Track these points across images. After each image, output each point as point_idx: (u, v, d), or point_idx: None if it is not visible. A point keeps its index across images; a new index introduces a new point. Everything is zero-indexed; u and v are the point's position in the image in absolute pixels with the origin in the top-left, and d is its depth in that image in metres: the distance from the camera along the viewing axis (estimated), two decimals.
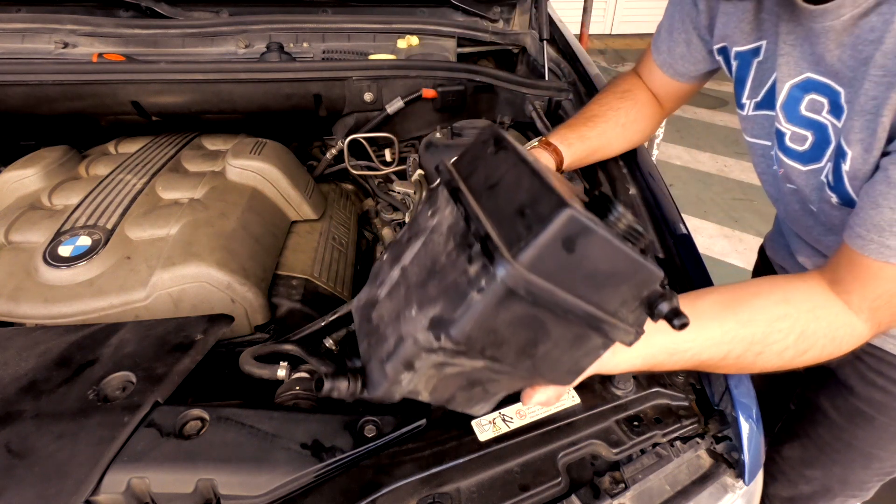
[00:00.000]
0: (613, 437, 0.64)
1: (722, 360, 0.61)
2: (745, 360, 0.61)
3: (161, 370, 0.64)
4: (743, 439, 0.65)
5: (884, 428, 0.90)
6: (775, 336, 0.60)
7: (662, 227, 0.91)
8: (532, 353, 0.44)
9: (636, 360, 0.59)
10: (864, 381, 0.88)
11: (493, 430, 0.62)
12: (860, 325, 0.61)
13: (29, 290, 0.77)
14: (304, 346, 0.77)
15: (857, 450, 0.94)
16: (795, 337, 0.60)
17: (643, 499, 0.61)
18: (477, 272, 0.40)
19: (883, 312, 0.60)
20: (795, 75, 0.69)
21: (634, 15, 6.94)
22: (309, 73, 1.20)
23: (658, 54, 0.95)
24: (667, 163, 3.98)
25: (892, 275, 0.58)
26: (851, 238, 0.60)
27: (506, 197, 0.43)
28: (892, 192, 0.56)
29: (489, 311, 0.39)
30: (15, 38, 1.33)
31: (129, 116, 1.22)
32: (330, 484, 0.56)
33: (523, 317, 0.41)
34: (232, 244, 0.85)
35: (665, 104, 1.02)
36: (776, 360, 0.61)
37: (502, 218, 0.41)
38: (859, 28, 0.60)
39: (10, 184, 0.98)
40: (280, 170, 1.03)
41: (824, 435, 0.98)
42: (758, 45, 0.75)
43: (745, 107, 0.81)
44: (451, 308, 0.41)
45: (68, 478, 0.52)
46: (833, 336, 0.61)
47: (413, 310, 0.44)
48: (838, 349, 0.62)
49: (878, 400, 0.88)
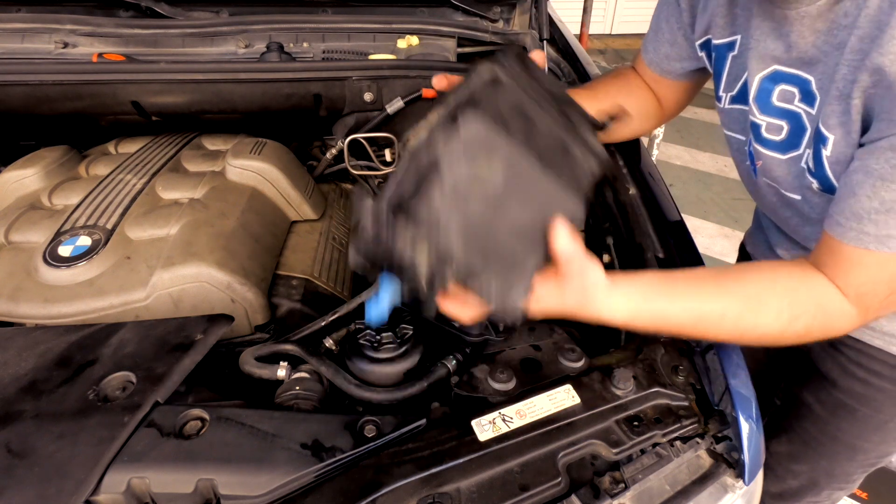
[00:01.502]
0: (613, 437, 0.64)
1: (720, 318, 0.63)
2: (744, 321, 0.62)
3: (161, 370, 0.64)
4: (743, 439, 0.65)
5: (866, 419, 0.91)
6: (768, 295, 0.63)
7: (663, 226, 0.92)
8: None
9: (625, 313, 0.62)
10: (845, 373, 0.90)
11: (493, 430, 0.62)
12: (848, 306, 0.62)
13: (29, 290, 0.77)
14: (304, 346, 0.77)
15: (842, 442, 0.96)
16: (789, 301, 0.62)
17: (643, 499, 0.61)
18: None
19: (869, 298, 0.61)
20: (763, 68, 0.71)
21: (634, 15, 6.94)
22: (309, 73, 1.20)
23: (646, 53, 0.97)
24: (667, 163, 3.98)
25: (873, 261, 0.59)
26: (831, 226, 0.62)
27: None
28: (868, 181, 0.57)
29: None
30: (15, 38, 1.33)
31: (129, 116, 1.22)
32: (330, 484, 0.56)
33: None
34: (232, 244, 0.85)
35: (663, 102, 1.02)
36: (774, 322, 0.62)
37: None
38: (833, 13, 0.61)
39: (10, 184, 0.98)
40: (280, 170, 1.03)
41: (810, 429, 0.99)
42: (732, 40, 0.77)
43: (721, 99, 0.83)
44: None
45: (68, 478, 0.52)
46: (823, 305, 0.62)
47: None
48: (830, 322, 0.63)
49: (860, 392, 0.89)
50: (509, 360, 0.78)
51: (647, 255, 0.89)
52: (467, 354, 0.77)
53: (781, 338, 0.64)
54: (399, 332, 0.74)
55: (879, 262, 0.59)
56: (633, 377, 0.69)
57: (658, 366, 0.73)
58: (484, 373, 0.74)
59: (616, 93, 1.00)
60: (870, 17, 0.57)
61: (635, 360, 0.74)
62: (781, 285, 0.64)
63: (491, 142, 0.52)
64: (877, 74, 0.56)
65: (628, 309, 0.62)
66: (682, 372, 0.72)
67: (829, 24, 0.62)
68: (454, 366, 0.74)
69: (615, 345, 0.85)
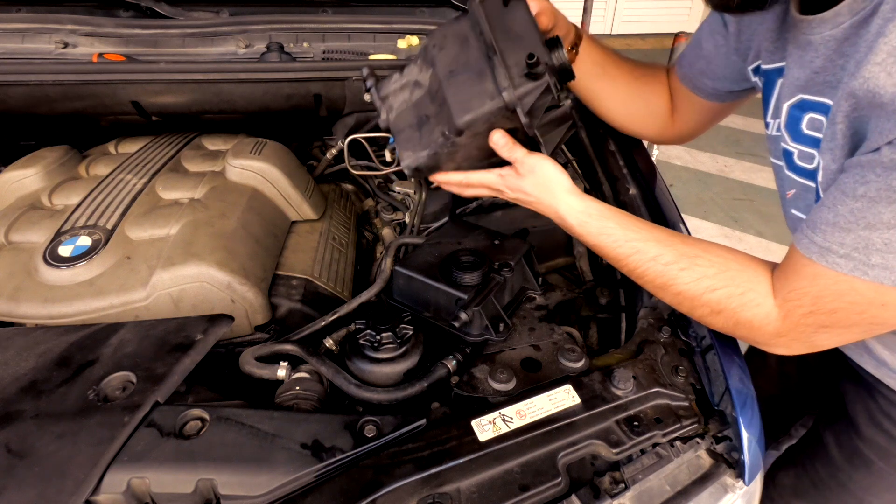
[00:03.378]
0: (613, 437, 0.64)
1: (652, 261, 0.69)
2: (669, 271, 0.68)
3: (161, 370, 0.64)
4: (743, 439, 0.65)
5: (881, 475, 0.87)
6: (703, 259, 0.67)
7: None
8: (449, 82, 0.71)
9: (579, 212, 0.73)
10: (872, 422, 0.86)
11: (493, 430, 0.62)
12: (770, 305, 0.63)
13: (29, 290, 0.77)
14: (304, 346, 0.77)
15: (850, 493, 0.92)
16: (716, 271, 0.66)
17: (643, 499, 0.61)
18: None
19: (792, 307, 0.61)
20: (791, 96, 0.70)
21: (634, 15, 6.93)
22: (309, 73, 1.20)
23: (680, 68, 0.96)
24: (667, 163, 3.98)
25: (809, 272, 0.58)
26: (797, 233, 0.62)
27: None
28: (833, 194, 0.57)
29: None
30: (15, 38, 1.33)
31: (129, 116, 1.22)
32: (330, 484, 0.56)
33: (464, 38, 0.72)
34: (232, 244, 0.85)
35: (676, 116, 1.01)
36: (693, 284, 0.67)
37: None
38: (859, 37, 0.58)
39: (10, 184, 0.98)
40: (280, 170, 1.03)
41: (821, 470, 0.96)
42: (781, 66, 0.74)
43: (769, 126, 0.80)
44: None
45: (68, 478, 0.52)
46: (744, 291, 0.64)
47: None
48: (743, 310, 0.64)
49: (882, 445, 0.85)
50: (509, 360, 0.78)
51: None
52: (467, 354, 0.77)
53: (693, 305, 0.68)
54: (399, 332, 0.74)
55: (814, 274, 0.58)
56: (633, 377, 0.69)
57: (658, 366, 0.73)
58: (484, 373, 0.74)
59: (636, 72, 1.00)
60: (868, 42, 0.55)
61: (635, 360, 0.74)
62: (720, 259, 0.67)
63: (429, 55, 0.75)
64: (852, 98, 0.55)
65: (581, 212, 0.74)
66: (682, 372, 0.72)
67: (855, 48, 0.59)
68: (454, 366, 0.74)
69: (615, 345, 0.85)
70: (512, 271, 0.86)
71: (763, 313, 0.63)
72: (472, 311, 0.77)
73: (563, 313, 0.99)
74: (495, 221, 1.13)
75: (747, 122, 4.62)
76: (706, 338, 0.75)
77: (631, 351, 0.77)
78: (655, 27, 6.55)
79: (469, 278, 0.83)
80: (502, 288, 0.84)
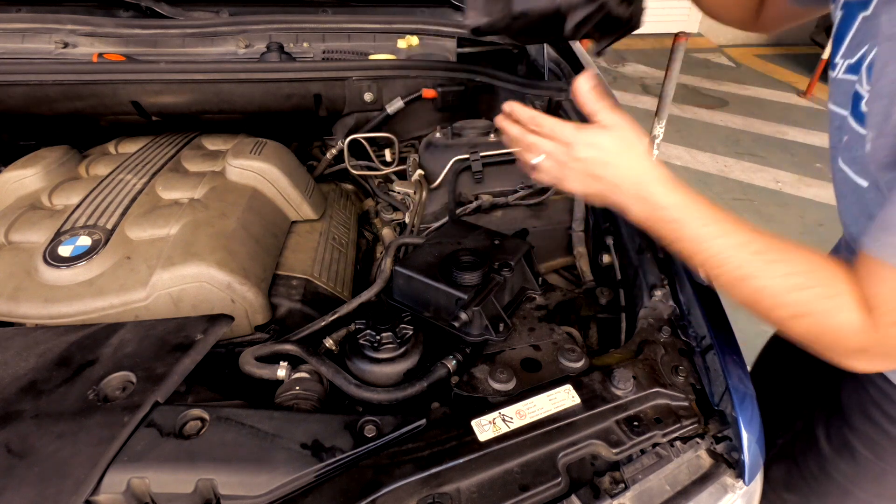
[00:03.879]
0: (613, 437, 0.64)
1: (740, 245, 0.62)
2: (757, 261, 0.61)
3: (161, 370, 0.64)
4: (743, 439, 0.65)
5: (866, 464, 0.87)
6: (793, 257, 0.60)
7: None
8: None
9: (668, 178, 0.67)
10: (863, 413, 0.86)
11: (493, 430, 0.62)
12: (857, 313, 0.57)
13: (29, 290, 0.77)
14: (304, 346, 0.77)
15: (836, 483, 0.92)
16: (804, 269, 0.59)
17: (643, 499, 0.61)
18: None
19: (880, 315, 0.56)
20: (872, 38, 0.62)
21: None
22: (309, 73, 1.20)
23: None
24: (667, 163, 3.99)
25: (889, 275, 0.55)
26: (866, 237, 0.58)
27: None
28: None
29: None
30: (15, 38, 1.33)
31: (129, 116, 1.22)
32: (330, 484, 0.56)
33: None
34: (232, 244, 0.85)
35: (764, 9, 0.96)
36: (778, 281, 0.60)
37: None
38: None
39: (10, 184, 0.98)
40: (280, 170, 1.03)
41: (810, 463, 0.96)
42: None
43: (836, 67, 0.73)
44: None
45: (68, 478, 0.52)
46: (831, 295, 0.58)
47: None
48: (830, 317, 0.58)
49: (870, 435, 0.85)
50: (509, 360, 0.78)
51: (647, 255, 0.89)
52: (467, 354, 0.77)
53: (775, 303, 0.60)
54: (399, 332, 0.74)
55: (894, 277, 0.54)
56: (633, 377, 0.69)
57: (658, 366, 0.73)
58: (484, 373, 0.74)
59: None
60: None
61: (635, 360, 0.74)
62: (807, 257, 0.60)
63: None
64: None
65: (670, 179, 0.67)
66: (682, 372, 0.72)
67: None
68: (454, 366, 0.74)
69: (615, 345, 0.85)
70: (512, 271, 0.86)
71: (855, 320, 0.57)
72: (472, 311, 0.77)
73: (563, 313, 0.99)
74: (495, 221, 1.13)
75: (747, 122, 4.63)
76: (706, 338, 0.75)
77: (631, 351, 0.77)
78: (655, 27, 6.55)
79: (469, 278, 0.83)
80: (502, 288, 0.84)
